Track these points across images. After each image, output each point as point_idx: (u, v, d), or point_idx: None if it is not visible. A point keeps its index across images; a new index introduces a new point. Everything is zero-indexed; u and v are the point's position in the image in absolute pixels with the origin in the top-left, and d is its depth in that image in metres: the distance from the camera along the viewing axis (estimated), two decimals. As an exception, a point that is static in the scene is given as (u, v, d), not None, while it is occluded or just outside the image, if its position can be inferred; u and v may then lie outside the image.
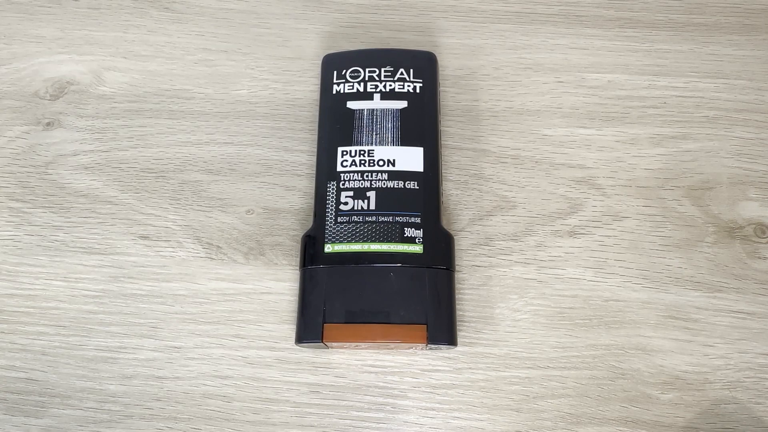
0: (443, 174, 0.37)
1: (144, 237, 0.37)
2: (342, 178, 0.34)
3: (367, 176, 0.34)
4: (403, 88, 0.36)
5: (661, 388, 0.33)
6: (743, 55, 0.39)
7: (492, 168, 0.38)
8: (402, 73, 0.36)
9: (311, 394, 0.33)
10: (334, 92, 0.36)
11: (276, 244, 0.36)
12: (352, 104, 0.36)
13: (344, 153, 0.35)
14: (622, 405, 0.33)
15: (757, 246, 0.36)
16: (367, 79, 0.36)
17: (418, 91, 0.36)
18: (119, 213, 0.37)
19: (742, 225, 0.36)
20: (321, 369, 0.34)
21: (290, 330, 0.34)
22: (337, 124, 0.35)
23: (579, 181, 0.37)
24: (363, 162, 0.34)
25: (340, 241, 0.33)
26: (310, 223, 0.34)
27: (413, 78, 0.36)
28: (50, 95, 0.40)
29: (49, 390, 0.34)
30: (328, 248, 0.32)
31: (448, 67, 0.40)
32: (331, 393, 0.33)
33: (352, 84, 0.36)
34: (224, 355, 0.34)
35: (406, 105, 0.35)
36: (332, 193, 0.34)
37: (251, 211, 0.37)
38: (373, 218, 0.33)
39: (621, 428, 0.33)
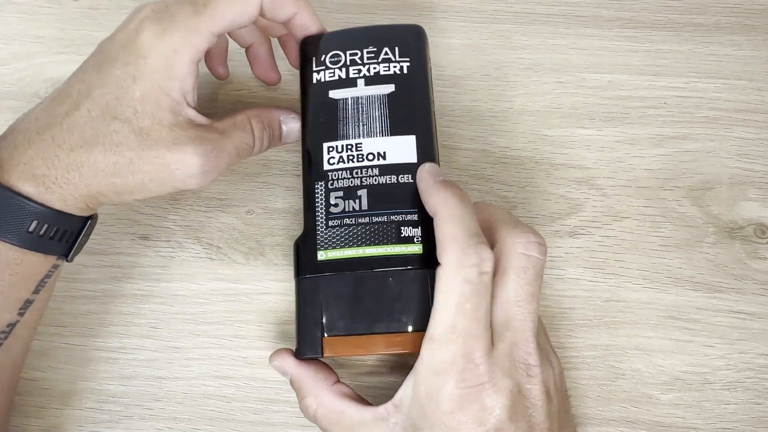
0: (440, 163, 0.34)
1: (144, 237, 0.37)
2: (330, 178, 0.31)
3: (356, 173, 0.31)
4: (389, 69, 0.32)
5: (661, 388, 0.33)
6: (743, 55, 0.39)
7: (492, 168, 0.38)
8: (386, 53, 0.33)
9: (311, 394, 0.33)
10: (315, 81, 0.33)
11: (276, 244, 0.36)
12: (334, 93, 0.32)
13: (330, 149, 0.32)
14: (622, 405, 0.33)
15: (757, 246, 0.36)
16: (348, 63, 0.33)
17: (405, 71, 0.32)
18: (119, 213, 0.37)
19: (742, 225, 0.36)
20: (321, 369, 0.34)
21: (290, 330, 0.34)
22: (320, 118, 0.32)
23: (579, 181, 0.37)
24: (351, 158, 0.31)
25: (333, 247, 0.30)
26: (309, 224, 0.34)
27: (399, 57, 0.33)
28: (50, 95, 0.40)
29: (49, 390, 0.34)
30: (321, 255, 0.30)
31: (448, 67, 0.40)
32: (331, 393, 0.33)
33: (333, 71, 0.33)
34: (224, 356, 0.34)
35: (393, 89, 0.32)
36: (321, 194, 0.31)
37: (251, 211, 0.37)
38: (367, 219, 0.30)
39: (621, 428, 0.33)
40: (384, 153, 0.31)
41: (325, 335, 0.29)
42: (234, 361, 0.34)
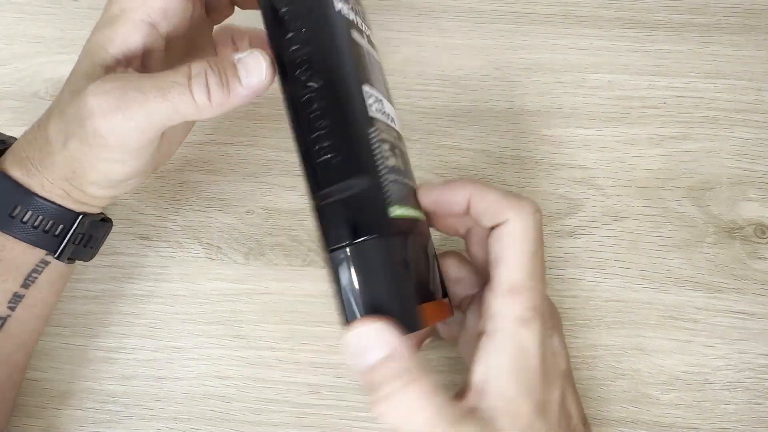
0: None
1: (144, 237, 0.37)
2: (377, 127, 0.25)
3: (389, 131, 0.26)
4: (372, 35, 0.29)
5: (661, 388, 0.33)
6: (743, 56, 0.39)
7: (492, 168, 0.38)
8: (364, 17, 0.29)
9: (311, 394, 0.33)
10: (337, 9, 0.25)
11: (276, 244, 0.36)
12: (355, 36, 0.26)
13: (369, 96, 0.25)
14: (622, 405, 0.33)
15: (757, 246, 0.35)
16: (355, 11, 0.27)
17: (372, 41, 0.29)
18: (119, 213, 0.37)
19: (742, 225, 0.36)
20: (321, 369, 0.34)
21: (290, 330, 0.34)
22: (351, 55, 0.25)
23: (579, 181, 0.37)
24: (382, 113, 0.26)
25: (400, 204, 0.24)
26: (309, 224, 0.34)
27: (367, 26, 0.29)
28: (50, 95, 0.40)
29: (49, 390, 0.34)
30: (393, 211, 0.24)
31: (448, 67, 0.40)
32: (331, 393, 0.33)
33: (349, 8, 0.27)
34: (224, 356, 0.34)
35: (378, 58, 0.29)
36: (376, 141, 0.24)
37: (251, 211, 0.37)
38: (406, 180, 0.26)
39: (621, 428, 0.33)
40: (394, 118, 0.27)
41: (419, 304, 0.24)
42: (234, 361, 0.34)
